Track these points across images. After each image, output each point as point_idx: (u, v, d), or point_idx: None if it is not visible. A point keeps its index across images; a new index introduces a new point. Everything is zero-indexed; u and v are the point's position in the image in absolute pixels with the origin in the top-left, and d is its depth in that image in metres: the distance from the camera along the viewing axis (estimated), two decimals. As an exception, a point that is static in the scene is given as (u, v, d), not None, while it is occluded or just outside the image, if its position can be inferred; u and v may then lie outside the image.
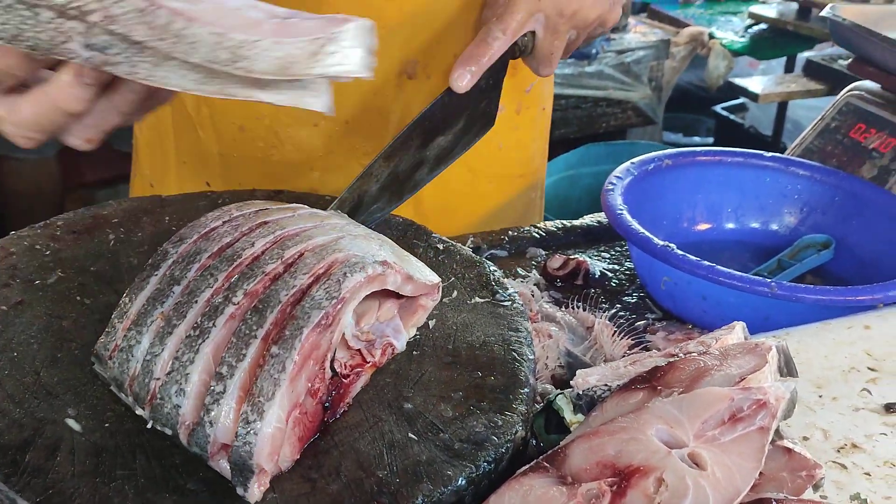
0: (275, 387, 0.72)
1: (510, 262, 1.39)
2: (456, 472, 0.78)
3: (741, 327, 0.94)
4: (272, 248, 0.82)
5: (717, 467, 0.71)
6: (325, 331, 0.76)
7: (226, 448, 0.74)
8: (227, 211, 0.89)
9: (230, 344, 0.75)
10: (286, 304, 0.76)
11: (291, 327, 0.74)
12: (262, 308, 0.76)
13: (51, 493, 0.72)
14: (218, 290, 0.79)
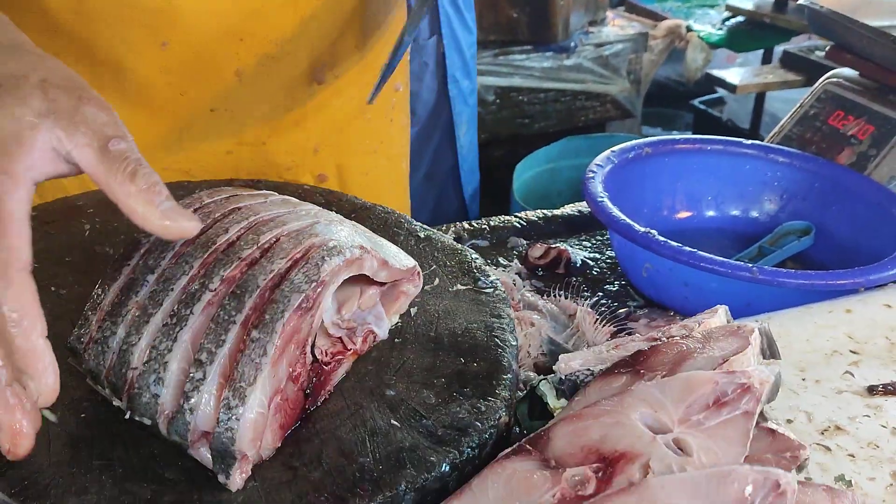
0: (256, 371, 0.71)
1: (491, 252, 1.39)
2: (439, 459, 0.77)
3: (724, 311, 0.94)
4: (247, 233, 0.80)
5: (702, 453, 0.71)
6: (306, 314, 0.75)
7: (206, 436, 0.72)
8: (197, 198, 0.88)
9: (209, 330, 0.74)
10: (264, 289, 0.75)
11: (271, 311, 0.73)
12: (241, 293, 0.75)
13: (27, 484, 0.71)
14: (194, 278, 0.77)
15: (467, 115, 2.63)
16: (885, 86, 1.47)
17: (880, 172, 1.39)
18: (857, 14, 1.48)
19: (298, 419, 0.79)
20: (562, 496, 0.68)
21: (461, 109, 2.59)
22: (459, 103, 2.58)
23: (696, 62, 3.38)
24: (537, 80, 3.18)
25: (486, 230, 1.43)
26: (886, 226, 1.29)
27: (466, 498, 0.70)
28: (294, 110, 1.28)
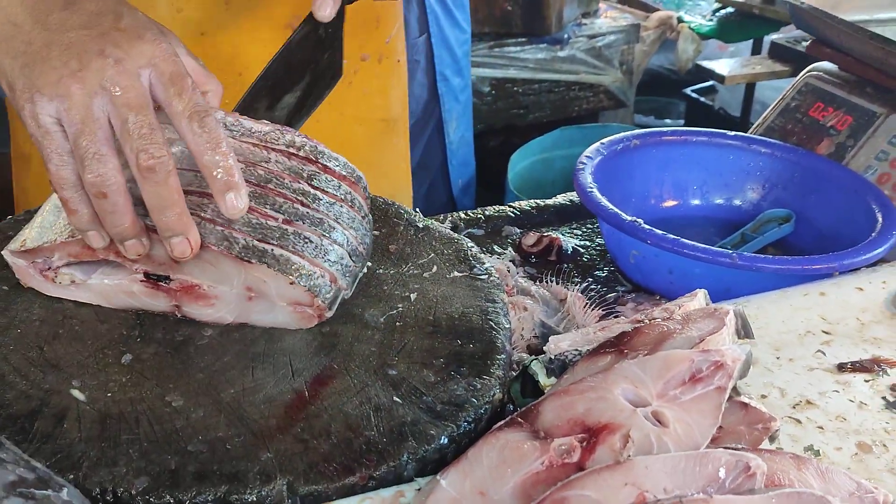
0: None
1: (486, 240, 1.45)
2: (438, 432, 0.84)
3: (703, 294, 1.00)
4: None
5: (678, 424, 0.78)
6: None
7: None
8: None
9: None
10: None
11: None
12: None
13: (60, 457, 0.77)
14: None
15: (458, 112, 2.69)
16: (863, 79, 1.53)
17: (857, 162, 1.46)
18: (837, 10, 1.55)
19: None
20: (550, 463, 0.75)
21: (451, 106, 2.65)
22: (449, 100, 2.64)
23: (687, 53, 3.44)
24: (531, 72, 3.24)
25: (482, 219, 1.50)
26: (862, 213, 1.35)
27: (463, 466, 0.76)
28: (268, 49, 1.33)
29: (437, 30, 2.56)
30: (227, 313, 0.94)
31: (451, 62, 2.63)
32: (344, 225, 0.98)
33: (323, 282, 0.93)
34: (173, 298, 0.93)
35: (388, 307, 1.00)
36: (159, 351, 0.91)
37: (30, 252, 0.92)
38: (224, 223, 0.89)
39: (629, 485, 0.70)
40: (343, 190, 1.00)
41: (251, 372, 0.89)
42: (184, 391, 0.85)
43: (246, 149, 0.96)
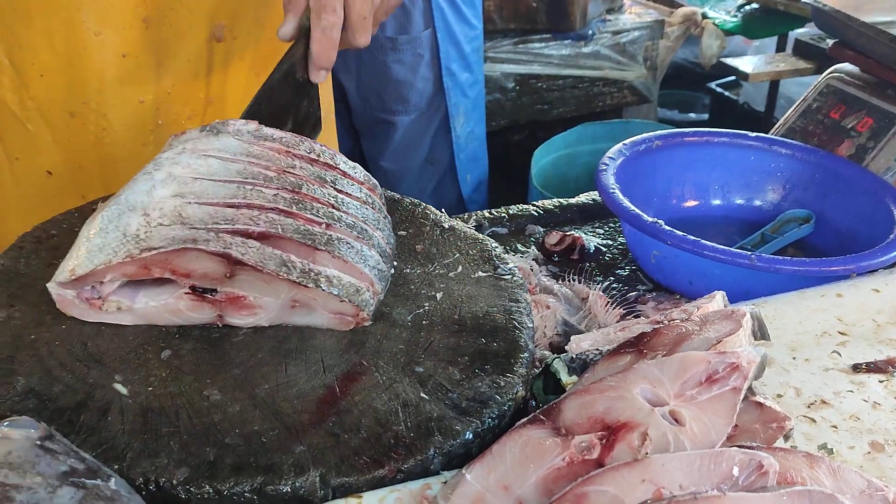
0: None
1: (510, 239, 1.48)
2: (464, 427, 0.87)
3: (721, 296, 1.03)
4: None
5: (694, 423, 0.81)
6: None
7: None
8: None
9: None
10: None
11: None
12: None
13: (105, 449, 0.81)
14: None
15: (466, 107, 2.72)
16: (884, 81, 1.55)
17: (877, 164, 1.48)
18: (858, 12, 1.56)
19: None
20: (570, 459, 0.78)
21: (458, 101, 2.68)
22: (456, 95, 2.67)
23: (712, 49, 3.45)
24: (556, 68, 3.26)
25: (506, 218, 1.53)
26: (881, 214, 1.37)
27: (488, 461, 0.80)
28: (192, 63, 1.37)
29: (442, 24, 2.59)
30: (266, 321, 0.98)
31: (459, 57, 2.66)
32: (372, 227, 1.02)
33: (368, 296, 0.98)
34: (218, 309, 0.96)
35: (415, 306, 1.04)
36: (197, 347, 0.95)
37: (80, 279, 0.94)
38: (279, 236, 0.94)
39: (646, 481, 0.73)
40: (364, 193, 1.05)
41: (284, 368, 0.93)
42: (221, 386, 0.90)
43: (272, 155, 1.01)
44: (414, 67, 2.61)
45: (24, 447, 0.69)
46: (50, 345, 0.93)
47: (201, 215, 0.94)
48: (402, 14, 2.54)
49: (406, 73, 2.60)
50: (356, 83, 2.63)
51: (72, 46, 1.28)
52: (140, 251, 0.92)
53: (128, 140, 1.37)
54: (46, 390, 0.87)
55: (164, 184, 0.97)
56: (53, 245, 1.07)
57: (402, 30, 2.56)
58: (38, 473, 0.66)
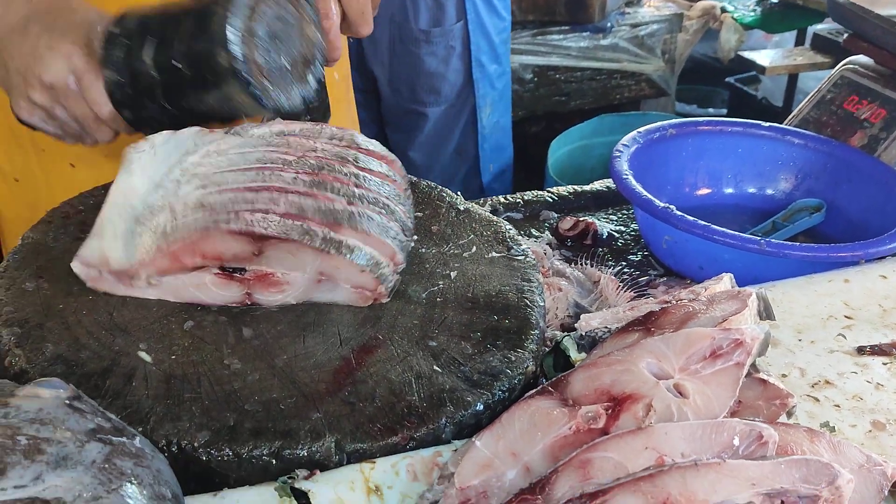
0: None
1: (524, 224, 1.51)
2: (475, 399, 0.90)
3: (729, 278, 1.06)
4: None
5: (697, 396, 0.83)
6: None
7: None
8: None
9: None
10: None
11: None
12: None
13: (130, 412, 0.85)
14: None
15: (493, 98, 2.75)
16: (898, 72, 1.57)
17: (889, 154, 1.50)
18: (873, 5, 1.58)
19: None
20: (577, 428, 0.81)
21: (486, 92, 2.71)
22: (484, 86, 2.70)
23: (730, 43, 3.46)
24: (574, 60, 3.28)
25: (521, 204, 1.56)
26: (892, 204, 1.39)
27: (497, 429, 0.83)
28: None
29: (474, 17, 2.62)
30: (293, 298, 1.01)
31: (489, 49, 2.69)
32: (394, 202, 1.05)
33: (388, 270, 1.00)
34: (246, 287, 0.99)
35: (430, 284, 1.07)
36: (218, 319, 0.98)
37: (115, 273, 0.98)
38: (300, 216, 0.96)
39: (649, 448, 0.75)
40: (384, 168, 1.07)
41: (303, 340, 0.96)
42: (241, 356, 0.93)
43: (293, 141, 1.03)
44: (446, 59, 2.65)
45: (53, 405, 0.72)
46: (77, 314, 0.96)
47: (223, 201, 0.97)
48: (436, 7, 2.58)
49: (438, 65, 2.63)
50: (388, 75, 2.66)
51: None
52: (168, 244, 0.95)
53: None
54: (74, 356, 0.90)
55: (189, 182, 1.00)
56: (80, 220, 1.11)
57: (435, 23, 2.59)
58: (67, 429, 0.69)
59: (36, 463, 0.65)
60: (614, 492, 0.72)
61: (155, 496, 0.68)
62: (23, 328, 0.93)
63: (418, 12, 2.57)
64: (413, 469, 0.84)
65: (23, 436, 0.67)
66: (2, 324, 0.94)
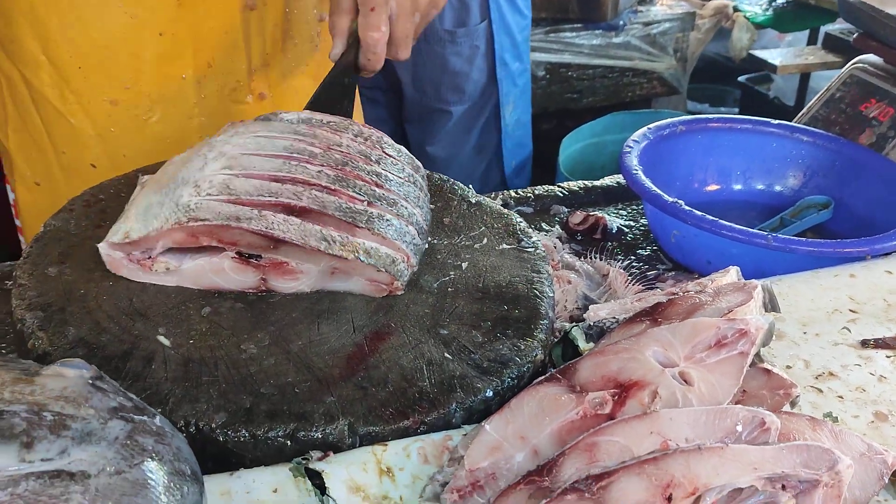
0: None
1: (535, 218, 1.53)
2: (484, 385, 0.92)
3: (735, 271, 1.07)
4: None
5: (702, 384, 0.85)
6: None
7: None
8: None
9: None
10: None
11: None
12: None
13: (150, 393, 0.87)
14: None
15: (515, 95, 2.77)
16: (907, 71, 1.58)
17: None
18: (883, 4, 1.59)
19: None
20: (584, 414, 0.83)
21: (509, 90, 2.73)
22: (507, 84, 2.72)
23: (742, 42, 3.47)
24: (586, 57, 3.30)
25: (531, 198, 1.58)
26: (899, 201, 1.40)
27: (506, 414, 0.85)
28: (230, 34, 1.42)
29: (498, 16, 2.64)
30: (307, 286, 1.03)
31: (511, 47, 2.71)
32: (412, 203, 1.07)
33: (403, 266, 1.03)
34: (262, 273, 1.02)
35: (442, 274, 1.09)
36: (235, 306, 1.01)
37: (134, 243, 1.00)
38: (321, 212, 0.99)
39: (654, 433, 0.78)
40: (406, 173, 1.10)
41: (317, 327, 0.98)
42: (257, 341, 0.95)
43: (319, 132, 1.07)
44: (471, 59, 2.67)
45: (77, 384, 0.74)
46: (98, 299, 0.99)
47: (248, 188, 1.00)
48: (461, 7, 2.60)
49: (463, 65, 2.65)
50: (412, 75, 2.67)
51: (108, 32, 1.33)
52: (188, 220, 0.97)
53: (173, 116, 1.42)
54: (95, 340, 0.93)
55: (216, 160, 1.03)
56: (101, 208, 1.13)
57: (460, 23, 2.62)
58: (90, 407, 0.72)
59: (61, 438, 0.67)
60: (619, 474, 0.74)
61: (175, 472, 0.70)
62: (45, 312, 0.96)
63: (443, 13, 2.60)
64: (424, 452, 0.86)
65: (48, 412, 0.69)
66: (25, 308, 0.96)
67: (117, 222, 1.02)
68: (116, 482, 0.66)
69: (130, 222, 1.01)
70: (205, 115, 1.44)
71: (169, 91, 1.40)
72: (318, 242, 0.98)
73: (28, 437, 0.66)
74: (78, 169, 1.43)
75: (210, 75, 1.42)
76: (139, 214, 1.01)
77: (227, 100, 1.45)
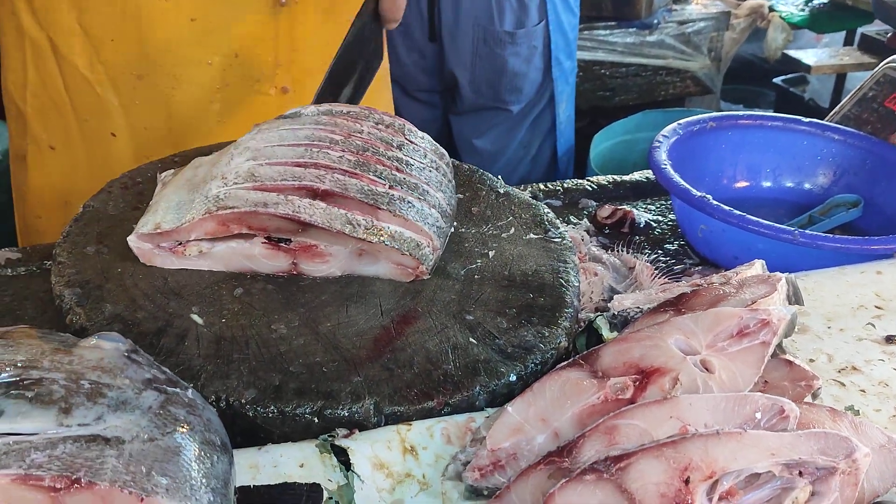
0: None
1: (563, 211, 1.54)
2: (508, 370, 0.94)
3: (760, 264, 1.08)
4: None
5: (723, 372, 0.86)
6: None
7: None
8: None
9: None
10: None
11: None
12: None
13: (182, 369, 0.90)
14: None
15: (567, 93, 2.81)
16: (941, 71, 1.58)
17: (929, 152, 1.50)
18: (918, 3, 1.59)
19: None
20: (605, 398, 0.84)
21: (562, 88, 2.77)
22: (561, 83, 2.76)
23: (777, 42, 3.45)
24: (619, 55, 3.30)
25: (560, 191, 1.59)
26: (929, 201, 1.40)
27: (528, 397, 0.86)
28: (259, 27, 1.46)
29: (554, 16, 2.67)
30: (337, 269, 1.06)
31: (565, 46, 2.74)
32: (434, 188, 1.09)
33: (428, 250, 1.05)
34: (292, 257, 1.04)
35: (469, 262, 1.11)
36: (266, 288, 1.03)
37: (165, 234, 1.03)
38: (343, 195, 1.01)
39: (673, 418, 0.79)
40: (428, 159, 1.12)
41: (346, 309, 1.00)
42: (287, 322, 0.98)
43: (340, 122, 1.09)
44: (528, 59, 2.70)
45: (113, 356, 0.77)
46: (134, 277, 1.02)
47: (272, 174, 1.02)
48: (520, 9, 2.63)
49: (521, 65, 2.68)
50: (470, 76, 2.70)
51: (143, 11, 1.37)
52: (217, 209, 1.00)
53: (196, 99, 1.46)
54: (131, 316, 0.96)
55: (241, 154, 1.06)
56: (139, 191, 1.16)
57: (519, 24, 2.64)
58: (126, 377, 0.74)
59: (98, 405, 0.70)
60: (638, 456, 0.75)
61: (205, 441, 0.73)
62: (83, 289, 0.99)
63: (503, 15, 2.62)
64: (447, 432, 0.88)
65: (86, 381, 0.72)
66: (64, 284, 0.99)
67: (145, 215, 1.05)
68: (149, 448, 0.68)
69: (160, 215, 1.04)
70: (226, 102, 1.48)
71: (194, 74, 1.43)
72: (343, 226, 1.00)
73: (66, 404, 0.68)
74: (98, 137, 1.48)
75: (235, 65, 1.45)
76: (170, 209, 1.04)
77: (249, 90, 1.48)
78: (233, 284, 1.03)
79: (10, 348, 0.74)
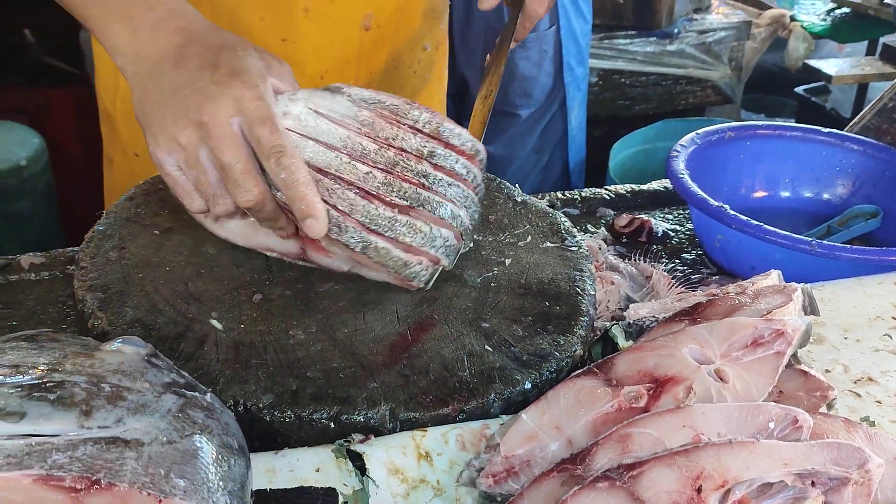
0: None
1: (581, 220, 1.55)
2: (523, 377, 0.95)
3: (777, 274, 1.09)
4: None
5: (737, 381, 0.87)
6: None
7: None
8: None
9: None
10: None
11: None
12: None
13: (201, 374, 0.91)
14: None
15: (579, 100, 2.81)
16: (961, 82, 1.57)
17: (949, 163, 1.50)
18: (938, 14, 1.58)
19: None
20: (619, 406, 0.85)
21: (574, 94, 2.77)
22: (573, 89, 2.76)
23: (798, 51, 3.44)
24: (640, 64, 3.30)
25: (578, 200, 1.59)
26: (949, 212, 1.40)
27: (542, 404, 0.87)
28: (346, 50, 1.48)
29: (565, 21, 2.68)
30: (342, 263, 1.06)
31: (576, 52, 2.75)
32: (458, 204, 1.06)
33: (420, 269, 1.03)
34: (301, 242, 1.06)
35: (485, 269, 1.12)
36: (285, 294, 1.04)
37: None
38: (342, 211, 1.00)
39: (687, 427, 0.79)
40: (461, 164, 1.07)
41: (363, 316, 1.01)
42: (305, 328, 0.99)
43: (377, 123, 1.05)
44: (539, 63, 2.71)
45: (133, 360, 0.78)
46: (155, 283, 1.03)
47: None
48: None
49: (531, 70, 2.69)
50: (481, 80, 2.71)
51: (237, 29, 1.38)
52: None
53: None
54: (151, 321, 0.97)
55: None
56: (161, 197, 1.18)
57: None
58: (146, 381, 0.76)
59: (118, 408, 0.71)
60: (651, 464, 0.76)
61: (223, 445, 0.74)
62: (105, 293, 1.01)
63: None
64: (462, 439, 0.89)
65: (106, 384, 0.73)
66: (86, 289, 1.01)
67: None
68: (168, 451, 0.69)
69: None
70: None
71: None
72: (331, 226, 0.99)
73: (87, 406, 0.70)
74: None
75: (320, 85, 1.47)
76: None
77: None
78: (252, 291, 1.04)
79: (33, 351, 0.75)
